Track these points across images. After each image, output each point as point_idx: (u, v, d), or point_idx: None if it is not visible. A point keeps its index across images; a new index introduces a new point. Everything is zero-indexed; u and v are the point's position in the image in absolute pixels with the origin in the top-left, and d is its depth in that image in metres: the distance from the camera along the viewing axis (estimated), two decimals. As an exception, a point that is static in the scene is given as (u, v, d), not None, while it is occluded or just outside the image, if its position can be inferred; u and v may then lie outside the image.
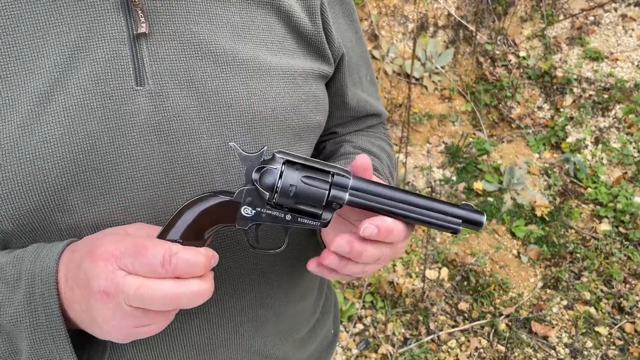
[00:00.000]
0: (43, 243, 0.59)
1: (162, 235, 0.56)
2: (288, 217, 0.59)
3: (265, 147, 0.58)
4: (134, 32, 0.61)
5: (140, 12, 0.60)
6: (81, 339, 0.59)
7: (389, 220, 0.58)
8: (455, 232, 0.60)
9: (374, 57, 3.55)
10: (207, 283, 0.53)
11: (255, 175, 0.57)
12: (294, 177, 0.57)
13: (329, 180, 0.58)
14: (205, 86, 0.64)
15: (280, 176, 0.57)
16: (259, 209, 0.58)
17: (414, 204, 0.59)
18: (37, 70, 0.58)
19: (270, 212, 0.59)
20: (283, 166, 0.57)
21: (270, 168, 0.57)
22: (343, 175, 0.59)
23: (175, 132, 0.63)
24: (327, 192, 0.58)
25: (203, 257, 0.52)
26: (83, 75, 0.59)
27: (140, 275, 0.51)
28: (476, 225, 0.61)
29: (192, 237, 0.56)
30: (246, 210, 0.58)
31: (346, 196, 0.59)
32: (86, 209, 0.60)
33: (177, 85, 0.63)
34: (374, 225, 0.57)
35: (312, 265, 0.63)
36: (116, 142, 0.60)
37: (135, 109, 0.61)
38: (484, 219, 0.60)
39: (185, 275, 0.52)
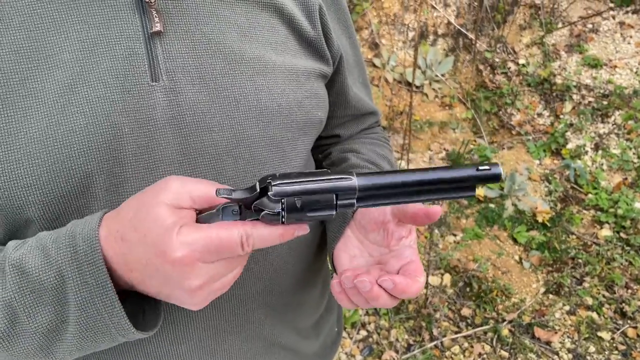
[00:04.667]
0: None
1: None
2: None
3: (257, 183, 0.55)
4: (149, 31, 0.63)
5: (154, 12, 0.63)
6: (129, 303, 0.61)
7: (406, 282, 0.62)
8: (471, 196, 0.58)
9: (374, 65, 3.58)
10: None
11: (257, 214, 0.56)
12: (296, 214, 0.55)
13: (334, 204, 0.55)
14: (216, 82, 0.67)
15: (283, 216, 0.55)
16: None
17: (426, 181, 0.56)
18: (59, 64, 0.60)
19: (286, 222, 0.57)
20: (283, 205, 0.54)
21: (269, 212, 0.54)
22: (346, 191, 0.55)
23: (188, 125, 0.66)
24: (333, 213, 0.56)
25: (278, 230, 0.56)
26: (103, 70, 0.61)
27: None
28: (494, 179, 0.56)
29: None
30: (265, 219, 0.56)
31: (355, 204, 0.56)
32: (107, 196, 0.63)
33: (190, 81, 0.66)
34: (390, 279, 0.62)
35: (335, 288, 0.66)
36: (135, 134, 0.63)
37: (152, 103, 0.64)
38: (500, 169, 0.56)
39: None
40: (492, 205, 3.16)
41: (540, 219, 3.06)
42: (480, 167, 0.56)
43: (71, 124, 0.60)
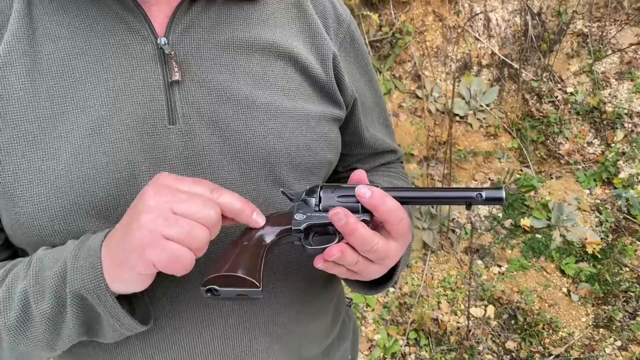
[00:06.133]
0: None
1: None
2: None
3: (307, 187, 0.71)
4: (169, 80, 0.71)
5: (174, 63, 0.71)
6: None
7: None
8: (469, 204, 0.68)
9: (417, 97, 3.63)
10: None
11: (303, 196, 0.71)
12: (331, 192, 0.71)
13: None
14: (228, 127, 0.74)
15: (321, 188, 0.71)
16: (308, 214, 0.69)
17: (431, 196, 0.73)
18: (87, 109, 0.69)
19: (317, 214, 0.70)
20: (321, 188, 0.71)
21: (313, 188, 0.71)
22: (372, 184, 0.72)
23: (200, 165, 0.72)
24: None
25: (239, 202, 0.64)
26: (126, 114, 0.70)
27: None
28: (497, 200, 0.67)
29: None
30: (299, 216, 0.70)
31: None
32: None
33: (204, 125, 0.73)
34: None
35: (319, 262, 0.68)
36: (151, 171, 0.70)
37: (168, 144, 0.71)
38: (502, 193, 0.67)
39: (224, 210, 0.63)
40: (538, 236, 3.09)
41: (590, 250, 2.97)
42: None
43: (94, 162, 0.68)
